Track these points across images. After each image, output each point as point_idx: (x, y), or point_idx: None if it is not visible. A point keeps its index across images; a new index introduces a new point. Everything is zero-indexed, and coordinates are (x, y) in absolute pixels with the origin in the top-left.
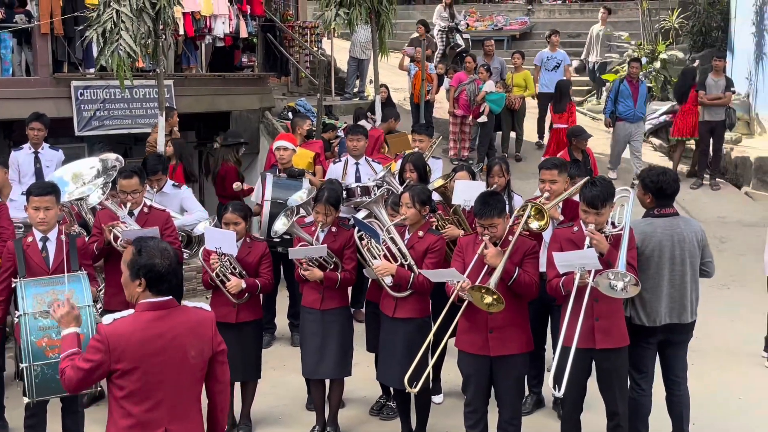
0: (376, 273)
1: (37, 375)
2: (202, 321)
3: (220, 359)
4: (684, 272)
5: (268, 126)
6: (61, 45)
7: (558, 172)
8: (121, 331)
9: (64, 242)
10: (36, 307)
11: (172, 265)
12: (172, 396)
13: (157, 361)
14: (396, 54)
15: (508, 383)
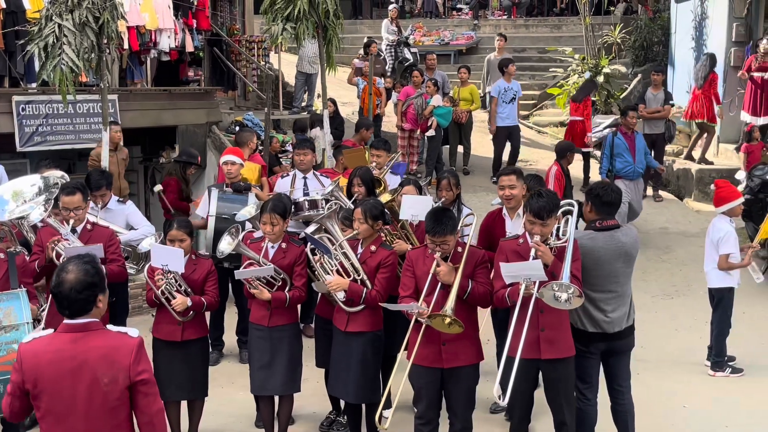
0: (329, 288)
1: None
2: (119, 347)
3: (141, 389)
4: (623, 283)
5: (215, 140)
6: (2, 59)
7: (516, 177)
8: (35, 350)
9: (3, 260)
10: None
11: (61, 288)
12: (86, 423)
13: (65, 384)
14: (344, 68)
15: (459, 394)
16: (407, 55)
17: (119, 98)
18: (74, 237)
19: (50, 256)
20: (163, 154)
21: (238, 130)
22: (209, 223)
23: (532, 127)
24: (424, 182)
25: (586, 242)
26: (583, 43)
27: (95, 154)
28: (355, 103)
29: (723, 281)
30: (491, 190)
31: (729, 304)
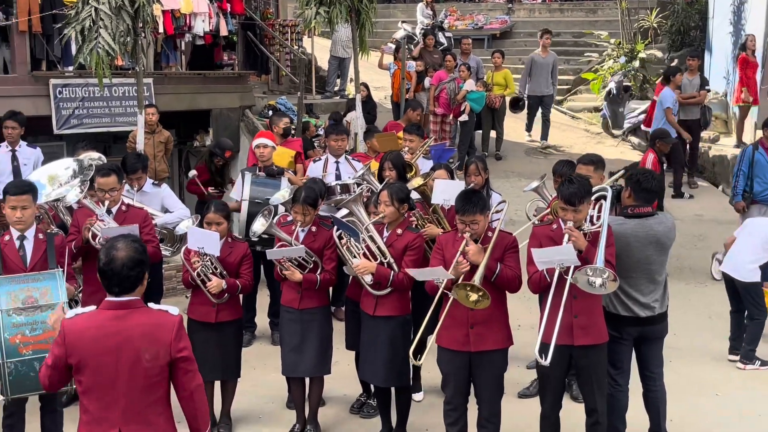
0: (356, 271)
1: (11, 372)
2: (161, 325)
3: (182, 366)
4: (656, 270)
5: (248, 124)
6: (40, 43)
7: (594, 168)
8: (78, 326)
9: (42, 241)
10: (10, 303)
11: (112, 265)
12: (127, 397)
13: (108, 360)
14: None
15: (487, 380)
16: (441, 39)
17: (154, 82)
18: (109, 218)
19: (86, 236)
20: (197, 137)
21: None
22: (242, 207)
23: (566, 112)
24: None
25: (615, 228)
26: (619, 28)
27: (133, 137)
28: (388, 87)
29: (757, 276)
30: (523, 175)
31: (762, 296)
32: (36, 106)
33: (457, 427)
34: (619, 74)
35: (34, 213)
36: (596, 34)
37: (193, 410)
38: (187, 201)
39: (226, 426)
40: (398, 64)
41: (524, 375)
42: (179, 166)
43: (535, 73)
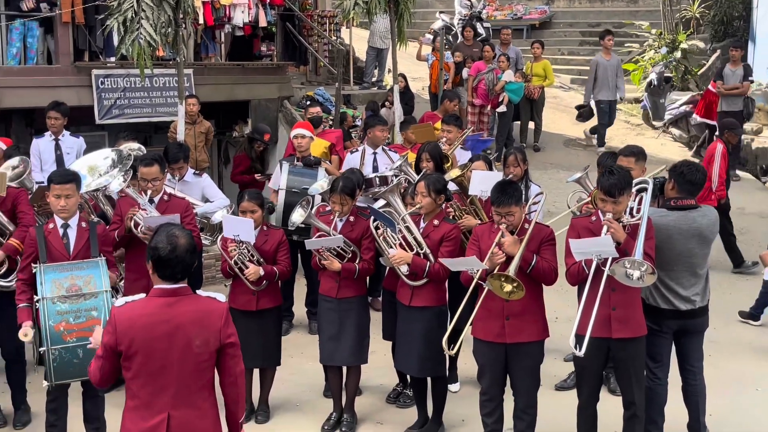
0: (392, 262)
1: (56, 359)
2: (211, 311)
3: (229, 352)
4: (698, 263)
5: (286, 115)
6: (82, 34)
7: (635, 159)
8: (129, 313)
9: (85, 229)
10: (55, 291)
11: (176, 251)
12: (177, 382)
13: (160, 346)
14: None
15: (523, 371)
16: (480, 29)
17: (194, 72)
18: (152, 207)
19: (128, 225)
20: (236, 128)
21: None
22: (279, 196)
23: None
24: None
25: (657, 220)
26: (660, 18)
27: (174, 127)
28: (426, 78)
29: None
30: (562, 167)
31: None
32: (79, 97)
33: (493, 418)
34: (660, 65)
35: (77, 202)
36: (637, 24)
37: (236, 395)
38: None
39: (264, 413)
40: (436, 55)
41: (561, 367)
42: (218, 157)
43: (601, 77)
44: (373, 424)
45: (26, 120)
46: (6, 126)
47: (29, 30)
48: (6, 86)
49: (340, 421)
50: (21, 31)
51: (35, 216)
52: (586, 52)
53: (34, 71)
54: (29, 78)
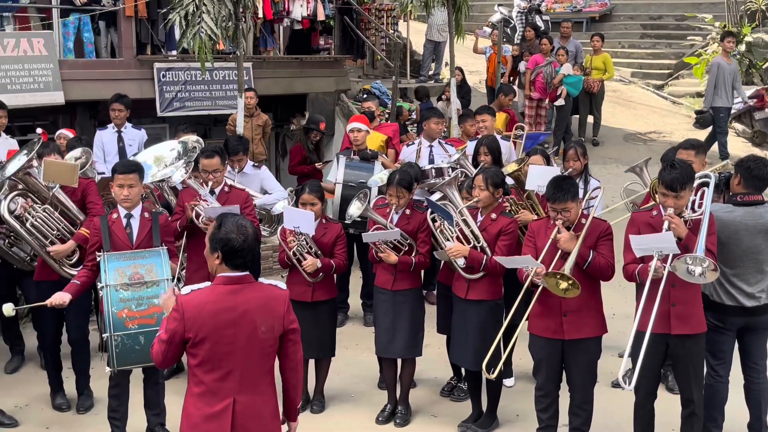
0: (449, 255)
1: (118, 345)
2: (275, 298)
3: (291, 337)
4: (765, 259)
5: (343, 108)
6: (145, 27)
7: (696, 153)
8: (196, 301)
9: (147, 219)
10: (117, 279)
11: (248, 241)
12: (242, 368)
13: (227, 332)
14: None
15: (580, 367)
16: (538, 22)
17: (253, 66)
18: (213, 198)
19: (190, 216)
20: (293, 121)
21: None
22: (336, 190)
23: (666, 97)
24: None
25: (722, 215)
26: (725, 10)
27: (233, 120)
28: (483, 71)
29: None
30: (621, 162)
31: None
32: (141, 89)
33: (548, 413)
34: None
35: (140, 192)
36: (700, 17)
37: (295, 381)
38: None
39: (320, 403)
40: (494, 49)
41: (617, 364)
42: (276, 149)
43: (721, 82)
44: (427, 417)
45: (90, 112)
46: (71, 118)
47: (85, 24)
48: (71, 79)
49: (394, 412)
50: (76, 25)
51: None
52: (648, 45)
53: (98, 64)
54: (93, 71)
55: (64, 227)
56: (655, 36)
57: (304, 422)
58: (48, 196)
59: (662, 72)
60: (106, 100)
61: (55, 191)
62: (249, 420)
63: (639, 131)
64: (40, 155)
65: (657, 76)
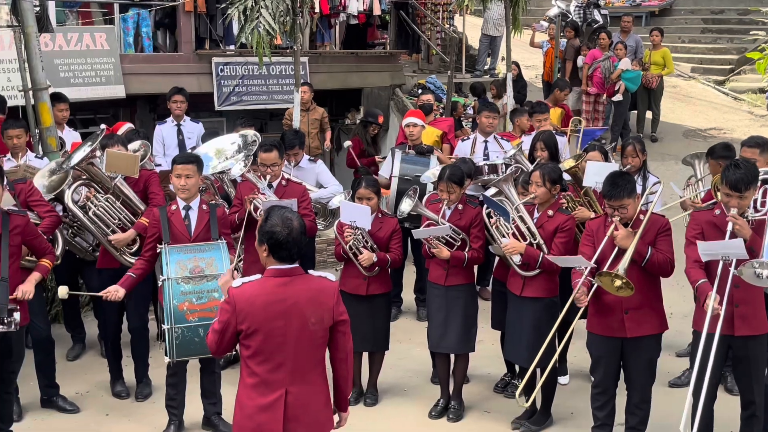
0: (505, 251)
1: (178, 337)
2: (324, 290)
3: (341, 329)
4: None
5: (398, 103)
6: (204, 22)
7: (760, 151)
8: (247, 294)
9: (205, 211)
10: (179, 272)
11: (293, 234)
12: (293, 359)
13: (278, 324)
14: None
15: (639, 365)
16: (597, 16)
17: (309, 60)
18: (270, 191)
19: (248, 208)
20: (348, 115)
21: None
22: (392, 184)
23: (728, 93)
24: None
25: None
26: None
27: (289, 114)
28: (539, 66)
29: None
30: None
31: None
32: (199, 83)
33: (605, 411)
34: None
35: (197, 183)
36: (764, 11)
37: (346, 371)
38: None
39: (373, 396)
40: (552, 43)
41: (675, 363)
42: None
43: None
44: (480, 413)
45: (150, 106)
46: (131, 111)
47: (143, 20)
48: (131, 73)
49: (447, 407)
50: (135, 20)
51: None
52: (708, 40)
53: (158, 59)
54: (153, 65)
55: (125, 216)
56: (717, 30)
57: (357, 415)
58: (110, 185)
59: (723, 67)
60: (165, 94)
61: (117, 181)
62: (301, 410)
63: (699, 128)
64: (104, 146)
65: (718, 72)
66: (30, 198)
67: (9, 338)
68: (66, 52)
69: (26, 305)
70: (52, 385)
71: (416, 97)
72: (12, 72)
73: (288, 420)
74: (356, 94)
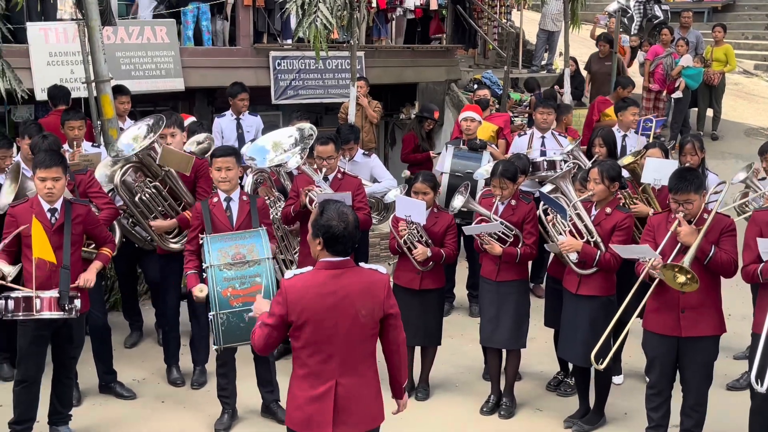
0: (561, 249)
1: (224, 323)
2: (375, 282)
3: (392, 322)
4: None
5: (453, 98)
6: (262, 17)
7: None
8: (298, 285)
9: (246, 202)
10: (221, 259)
11: (348, 228)
12: (344, 351)
13: (329, 316)
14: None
15: (696, 367)
16: (657, 12)
17: (365, 55)
18: (326, 185)
19: (303, 201)
20: (403, 110)
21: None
22: (443, 179)
23: None
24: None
25: None
26: None
27: (345, 109)
28: None
29: None
30: (742, 157)
31: None
32: (257, 77)
33: (660, 412)
34: None
35: (237, 175)
36: None
37: (398, 363)
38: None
39: (424, 390)
40: None
41: (732, 366)
42: (385, 138)
43: None
44: (532, 410)
45: (208, 99)
46: (189, 104)
47: (203, 13)
48: (190, 66)
49: (498, 404)
50: (195, 14)
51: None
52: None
53: (216, 52)
54: (212, 59)
55: (170, 204)
56: None
57: (408, 409)
58: (160, 173)
59: None
60: (223, 88)
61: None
62: (351, 402)
63: (762, 126)
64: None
65: None
66: (90, 189)
67: (70, 325)
68: (127, 45)
69: (87, 293)
70: (110, 371)
71: (472, 93)
72: (75, 64)
73: (338, 411)
74: (411, 89)
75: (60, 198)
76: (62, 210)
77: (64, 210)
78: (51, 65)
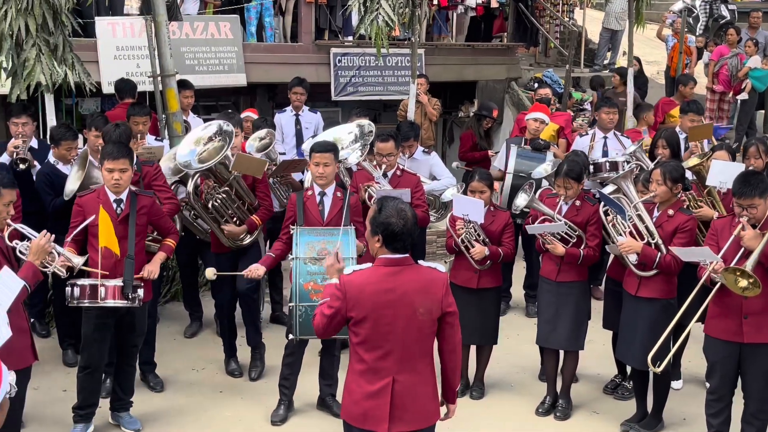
0: (621, 250)
1: (302, 315)
2: (433, 281)
3: (449, 320)
4: None
5: (513, 96)
6: (324, 13)
7: None
8: (357, 281)
9: (339, 198)
10: (307, 253)
11: (407, 225)
12: (401, 348)
13: (387, 312)
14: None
15: (758, 374)
16: (724, 11)
17: (425, 52)
18: (385, 181)
19: (362, 197)
20: (461, 108)
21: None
22: (506, 179)
23: None
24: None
25: None
26: None
27: (404, 106)
28: (661, 62)
29: None
30: None
31: None
32: (318, 73)
33: (720, 419)
34: None
35: (334, 171)
36: None
37: (454, 364)
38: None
39: (479, 389)
40: (677, 38)
41: None
42: (443, 136)
43: None
44: (588, 413)
45: (269, 94)
46: (251, 99)
47: (266, 10)
48: (252, 62)
49: (554, 405)
50: (258, 10)
51: (270, 190)
52: None
53: (279, 48)
54: (273, 55)
55: (238, 207)
56: None
57: (463, 408)
58: (228, 178)
59: None
60: (284, 83)
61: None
62: (408, 399)
63: None
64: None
65: None
66: (154, 182)
67: (133, 313)
68: (192, 40)
69: (150, 283)
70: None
71: (532, 91)
72: (141, 58)
73: (394, 407)
74: (471, 87)
75: (126, 189)
76: (128, 201)
77: (129, 201)
78: (118, 59)
